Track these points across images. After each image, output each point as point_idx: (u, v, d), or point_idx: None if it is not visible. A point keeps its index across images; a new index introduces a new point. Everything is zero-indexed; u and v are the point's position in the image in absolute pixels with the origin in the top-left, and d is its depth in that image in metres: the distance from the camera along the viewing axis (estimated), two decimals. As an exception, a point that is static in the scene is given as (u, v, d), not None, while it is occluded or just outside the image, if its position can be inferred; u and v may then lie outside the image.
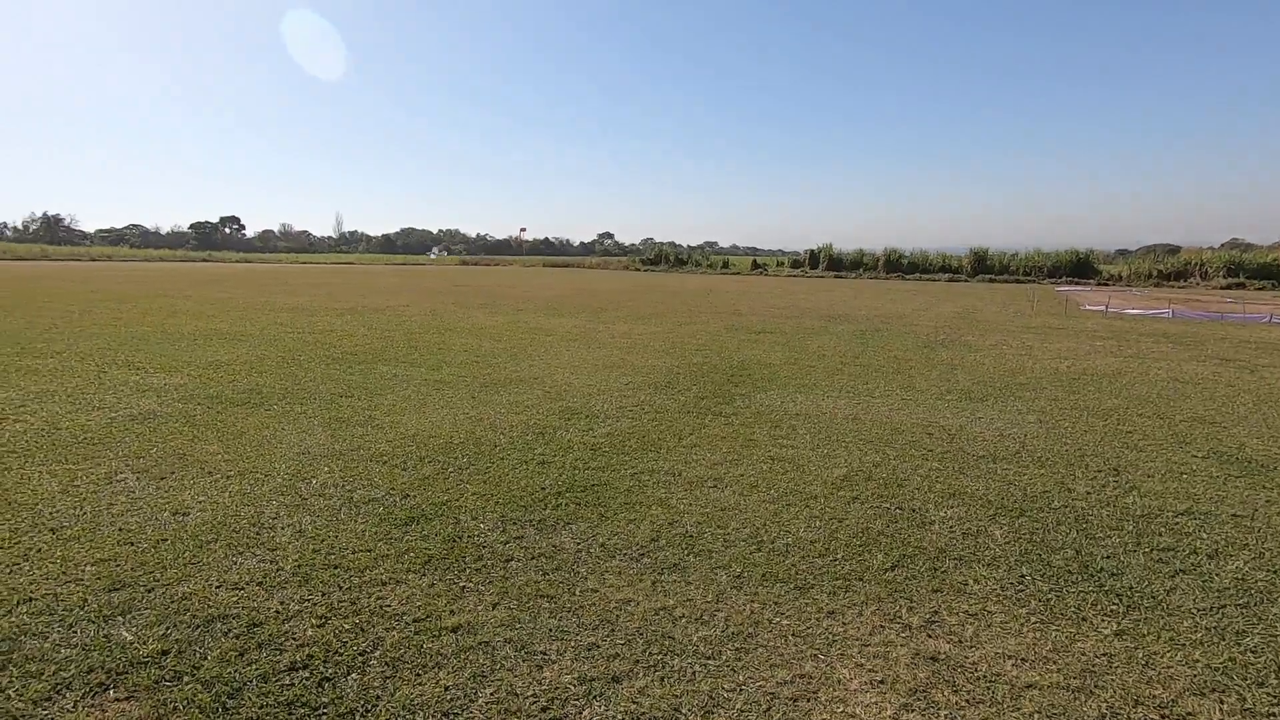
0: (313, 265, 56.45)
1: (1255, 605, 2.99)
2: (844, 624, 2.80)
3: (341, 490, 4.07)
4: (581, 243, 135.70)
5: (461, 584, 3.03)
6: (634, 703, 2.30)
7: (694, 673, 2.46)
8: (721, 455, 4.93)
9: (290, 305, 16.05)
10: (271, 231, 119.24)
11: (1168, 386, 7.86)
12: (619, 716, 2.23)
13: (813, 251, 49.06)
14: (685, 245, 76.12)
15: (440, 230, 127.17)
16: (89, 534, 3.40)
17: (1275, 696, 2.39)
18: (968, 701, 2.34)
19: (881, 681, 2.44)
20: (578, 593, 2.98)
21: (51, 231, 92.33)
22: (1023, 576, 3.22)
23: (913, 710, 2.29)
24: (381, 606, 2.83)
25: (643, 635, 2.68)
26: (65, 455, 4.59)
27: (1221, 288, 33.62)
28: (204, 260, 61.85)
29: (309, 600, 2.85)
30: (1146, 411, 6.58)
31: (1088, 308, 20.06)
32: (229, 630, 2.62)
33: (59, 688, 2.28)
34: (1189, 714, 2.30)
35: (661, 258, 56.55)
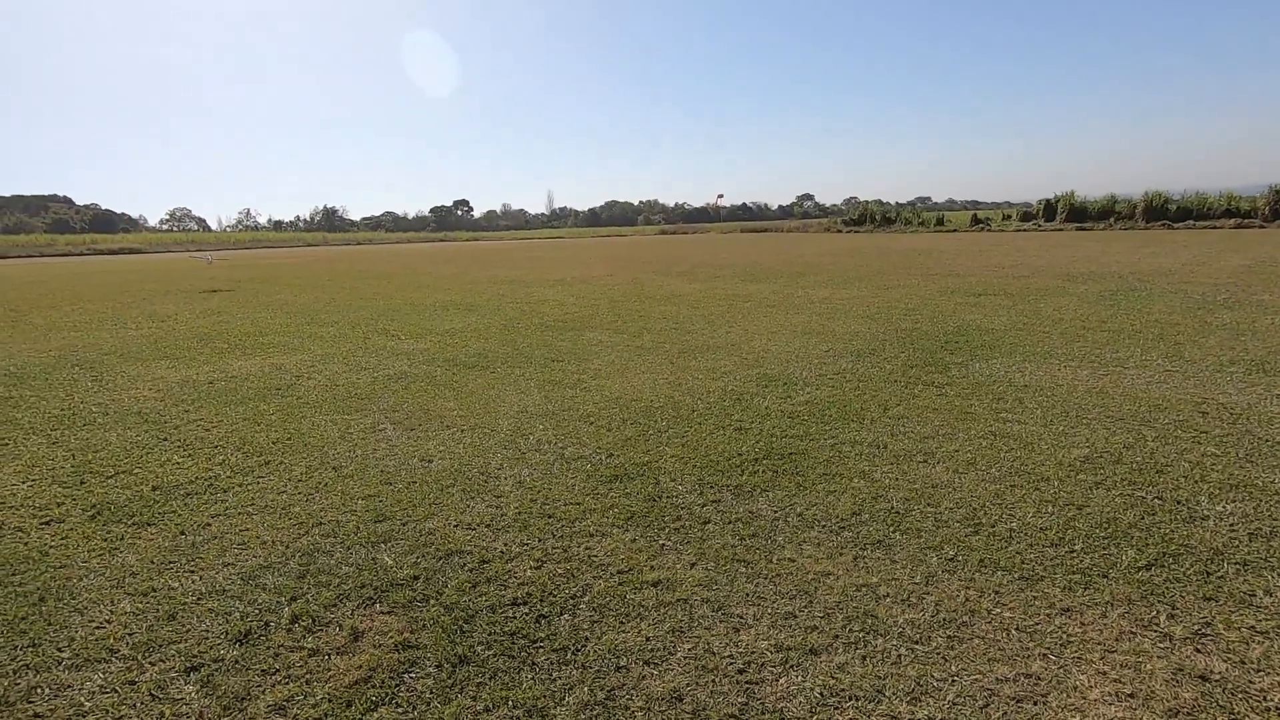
0: (528, 240, 61.44)
1: None
2: (1082, 624, 2.46)
3: (554, 447, 4.43)
4: (780, 206, 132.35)
5: (661, 541, 3.15)
6: (833, 677, 2.23)
7: (899, 656, 2.33)
8: (932, 428, 4.56)
9: (509, 278, 17.67)
10: (494, 211, 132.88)
11: None
12: (816, 689, 2.19)
13: (1048, 201, 42.68)
14: (893, 203, 70.65)
15: (640, 201, 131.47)
16: (360, 473, 4.07)
17: None
18: (1251, 734, 1.94)
19: (1131, 695, 2.11)
20: (774, 560, 2.96)
21: (329, 220, 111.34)
22: (1338, 593, 2.58)
23: (1172, 733, 1.96)
24: (589, 556, 3.04)
25: (843, 610, 2.59)
26: (342, 407, 5.52)
27: None
28: (441, 240, 70.19)
29: (527, 544, 3.16)
30: None
31: None
32: (464, 564, 3.00)
33: (341, 597, 2.78)
34: None
35: (866, 217, 52.97)
